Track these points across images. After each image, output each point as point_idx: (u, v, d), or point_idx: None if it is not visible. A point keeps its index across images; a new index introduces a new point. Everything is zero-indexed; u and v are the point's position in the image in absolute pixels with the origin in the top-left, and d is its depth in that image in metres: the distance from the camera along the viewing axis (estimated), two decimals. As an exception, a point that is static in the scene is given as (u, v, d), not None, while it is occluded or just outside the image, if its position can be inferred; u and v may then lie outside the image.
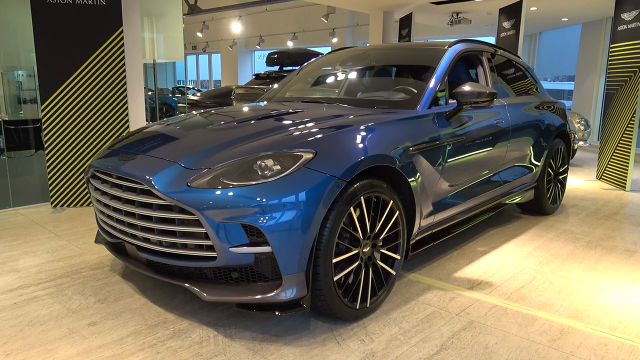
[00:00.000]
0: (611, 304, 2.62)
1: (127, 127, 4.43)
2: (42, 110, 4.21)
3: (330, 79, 3.91)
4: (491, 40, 12.17)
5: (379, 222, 2.37)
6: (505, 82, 3.98)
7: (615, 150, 5.83)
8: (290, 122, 2.53)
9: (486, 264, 3.17)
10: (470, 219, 3.38)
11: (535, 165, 4.06)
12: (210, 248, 2.03)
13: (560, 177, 4.59)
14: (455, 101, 2.97)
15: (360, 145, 2.30)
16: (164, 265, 2.28)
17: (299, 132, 2.32)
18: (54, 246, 3.36)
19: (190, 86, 16.66)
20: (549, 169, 4.30)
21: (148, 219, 2.16)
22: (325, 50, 13.68)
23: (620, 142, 5.71)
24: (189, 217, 2.01)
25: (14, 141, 5.78)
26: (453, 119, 2.93)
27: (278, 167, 2.05)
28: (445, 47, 3.27)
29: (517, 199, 4.02)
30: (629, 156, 5.55)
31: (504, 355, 2.08)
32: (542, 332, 2.29)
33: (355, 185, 2.18)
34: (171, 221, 2.09)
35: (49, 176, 4.32)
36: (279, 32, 15.36)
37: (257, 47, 15.90)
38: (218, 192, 1.99)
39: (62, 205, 4.39)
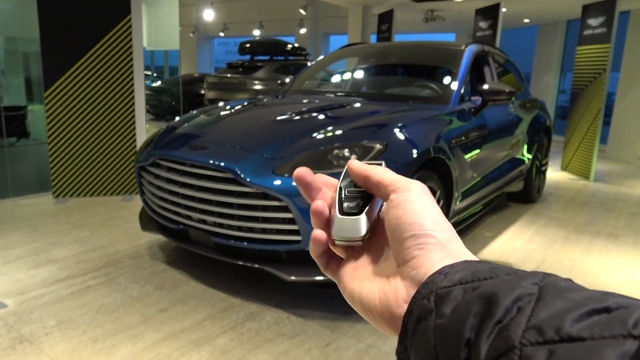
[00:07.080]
0: (616, 280, 2.99)
1: (133, 115, 4.36)
2: (46, 98, 4.06)
3: (356, 74, 4.06)
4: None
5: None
6: (503, 80, 4.30)
7: (581, 144, 6.39)
8: (346, 115, 2.68)
9: (499, 248, 3.47)
10: (480, 206, 3.67)
11: (527, 158, 4.43)
12: (295, 232, 2.16)
13: (543, 168, 5.01)
14: (476, 97, 3.23)
15: (421, 138, 2.49)
16: (236, 249, 2.37)
17: (363, 126, 2.47)
18: (78, 237, 3.31)
19: (149, 72, 16.12)
20: (536, 161, 4.70)
21: (228, 205, 2.24)
22: (291, 40, 13.68)
23: (586, 137, 6.26)
24: (276, 204, 2.12)
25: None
26: (479, 114, 3.18)
27: (355, 157, 2.20)
28: (463, 47, 3.51)
29: (512, 188, 4.37)
30: (593, 150, 6.11)
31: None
32: (570, 305, 2.60)
33: (417, 175, 2.37)
34: (255, 207, 2.19)
35: (51, 166, 4.18)
36: (244, 20, 15.18)
37: (221, 34, 15.64)
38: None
39: (64, 196, 4.27)
